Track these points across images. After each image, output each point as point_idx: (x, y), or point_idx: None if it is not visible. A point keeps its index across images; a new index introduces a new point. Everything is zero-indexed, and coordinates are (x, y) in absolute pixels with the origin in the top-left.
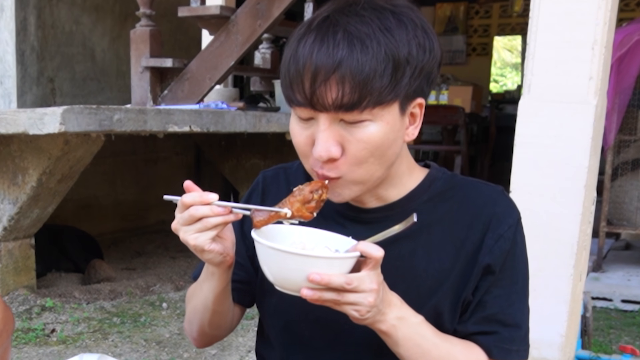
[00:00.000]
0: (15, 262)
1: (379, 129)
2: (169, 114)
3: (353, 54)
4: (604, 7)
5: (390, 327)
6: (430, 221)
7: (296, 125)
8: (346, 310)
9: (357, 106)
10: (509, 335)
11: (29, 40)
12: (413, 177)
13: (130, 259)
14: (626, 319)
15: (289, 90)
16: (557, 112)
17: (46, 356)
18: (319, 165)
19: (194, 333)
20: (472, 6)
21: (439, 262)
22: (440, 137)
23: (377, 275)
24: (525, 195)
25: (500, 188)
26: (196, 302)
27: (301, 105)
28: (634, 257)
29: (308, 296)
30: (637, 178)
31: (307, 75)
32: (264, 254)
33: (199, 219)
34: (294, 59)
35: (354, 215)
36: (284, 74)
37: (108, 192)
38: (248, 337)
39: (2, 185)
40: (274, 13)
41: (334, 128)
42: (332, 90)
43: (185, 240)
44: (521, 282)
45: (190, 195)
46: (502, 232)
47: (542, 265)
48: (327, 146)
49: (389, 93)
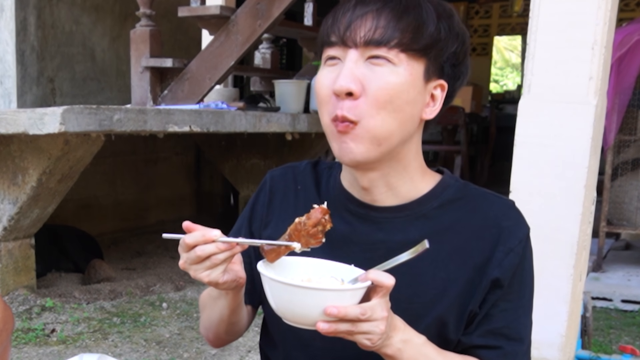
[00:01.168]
0: (15, 262)
1: (401, 76)
2: (169, 114)
3: (391, 2)
4: (604, 7)
5: (396, 351)
6: (440, 229)
7: (323, 72)
8: (358, 339)
9: (387, 42)
10: (512, 349)
11: (29, 40)
12: (425, 179)
13: (130, 259)
14: (626, 319)
15: (324, 35)
16: (557, 112)
17: (46, 356)
18: (339, 106)
19: (210, 337)
20: (472, 6)
21: (446, 270)
22: (440, 137)
23: (386, 303)
24: (525, 195)
25: (512, 202)
26: (211, 313)
27: (333, 44)
28: (634, 257)
29: (324, 329)
30: (637, 178)
31: (344, 18)
32: (273, 289)
33: (207, 257)
34: (334, 13)
35: (363, 212)
36: (323, 26)
37: (108, 192)
38: (248, 337)
39: (2, 185)
40: (274, 13)
41: (359, 65)
42: (365, 25)
43: (198, 278)
44: (528, 296)
45: (192, 236)
46: (512, 247)
47: (542, 265)
48: (348, 79)
49: (418, 43)
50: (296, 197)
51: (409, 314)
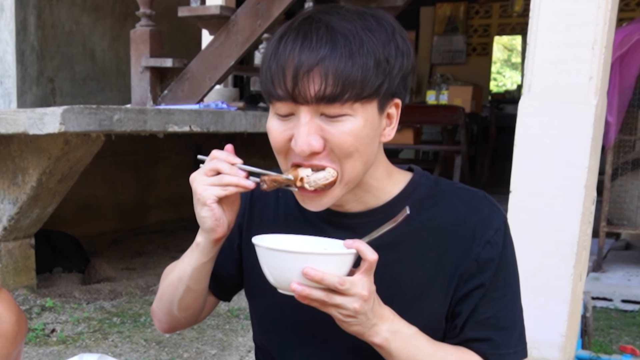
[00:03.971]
0: (15, 262)
1: (358, 124)
2: (169, 114)
3: (337, 47)
4: (604, 7)
5: (383, 340)
6: (414, 228)
7: (275, 123)
8: (331, 312)
9: (339, 99)
10: (503, 339)
11: (29, 40)
12: (393, 181)
13: (130, 259)
14: (626, 319)
15: (270, 85)
16: (557, 112)
17: (46, 356)
18: (305, 159)
19: (160, 313)
20: (472, 6)
21: (423, 269)
22: (440, 137)
23: (369, 283)
24: (525, 195)
25: (482, 193)
26: (172, 277)
27: (282, 99)
28: (634, 257)
29: (297, 291)
30: (637, 178)
31: (289, 69)
32: (264, 257)
33: (217, 173)
34: (275, 55)
35: (336, 220)
36: (265, 70)
37: (108, 192)
38: (248, 337)
39: (2, 185)
40: (274, 13)
41: (314, 122)
42: (314, 83)
43: (195, 189)
44: (513, 284)
45: (219, 151)
46: (488, 238)
47: (542, 265)
48: (309, 139)
49: (369, 89)
50: (277, 203)
51: None
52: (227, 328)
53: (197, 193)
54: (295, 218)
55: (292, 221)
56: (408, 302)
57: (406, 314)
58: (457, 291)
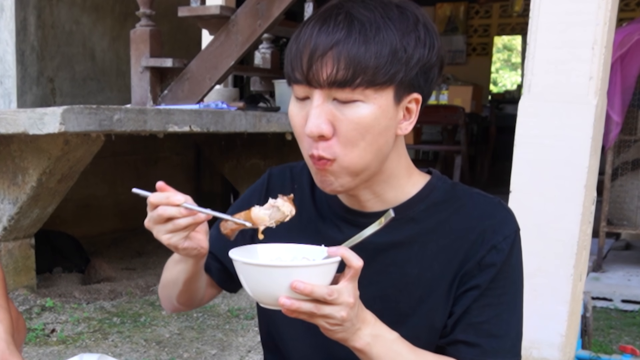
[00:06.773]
0: (15, 262)
1: (370, 111)
2: (169, 114)
3: (351, 34)
4: (604, 7)
5: (364, 345)
6: (426, 230)
7: (294, 106)
8: (318, 322)
9: (350, 83)
10: (492, 347)
11: (29, 40)
12: (412, 181)
13: (130, 259)
14: (626, 319)
15: (289, 68)
16: (557, 112)
17: (46, 356)
18: (314, 146)
19: (163, 299)
20: (472, 6)
21: (431, 271)
22: (440, 137)
23: (354, 289)
24: (525, 195)
25: (498, 200)
26: (168, 276)
27: (298, 82)
28: (634, 257)
29: (286, 305)
30: (637, 178)
31: (306, 52)
32: (243, 272)
33: (169, 219)
34: (297, 39)
35: (351, 218)
36: (287, 54)
37: (108, 192)
38: (248, 337)
39: (2, 185)
40: (274, 13)
41: (326, 106)
42: (327, 66)
43: (159, 238)
44: (513, 293)
45: (157, 195)
46: (495, 244)
47: (542, 265)
48: (317, 122)
49: (383, 76)
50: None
51: (396, 313)
52: (227, 328)
53: (163, 242)
54: (309, 214)
55: (305, 216)
56: (414, 303)
57: (411, 314)
58: (457, 292)
